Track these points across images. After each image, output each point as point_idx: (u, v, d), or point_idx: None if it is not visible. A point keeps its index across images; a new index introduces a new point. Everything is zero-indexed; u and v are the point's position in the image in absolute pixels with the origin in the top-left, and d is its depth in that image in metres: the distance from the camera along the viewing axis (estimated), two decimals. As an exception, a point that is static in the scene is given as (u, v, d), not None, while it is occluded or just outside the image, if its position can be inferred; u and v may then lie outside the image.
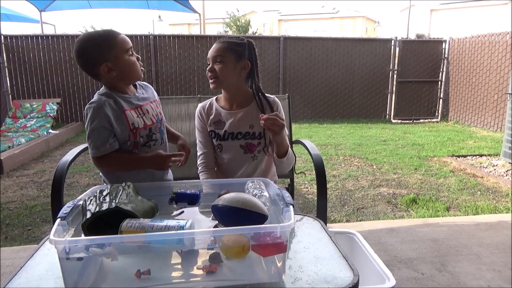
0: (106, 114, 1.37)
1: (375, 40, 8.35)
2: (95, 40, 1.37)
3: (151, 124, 1.47)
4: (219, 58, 1.57)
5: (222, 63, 1.58)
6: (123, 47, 1.38)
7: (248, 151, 1.68)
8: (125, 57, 1.39)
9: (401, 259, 2.31)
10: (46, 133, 5.91)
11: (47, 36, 7.52)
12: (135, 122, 1.42)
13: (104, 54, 1.36)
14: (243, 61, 1.60)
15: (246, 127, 1.66)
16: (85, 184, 3.93)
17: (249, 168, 1.70)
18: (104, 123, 1.37)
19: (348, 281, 0.89)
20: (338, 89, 8.12)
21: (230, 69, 1.59)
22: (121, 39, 1.39)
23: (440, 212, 3.15)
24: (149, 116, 1.48)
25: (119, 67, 1.38)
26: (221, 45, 1.58)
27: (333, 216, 3.09)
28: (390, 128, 7.21)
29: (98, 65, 1.36)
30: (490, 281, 2.08)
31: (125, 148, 1.43)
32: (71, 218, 0.96)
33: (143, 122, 1.45)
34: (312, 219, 1.25)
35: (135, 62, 1.42)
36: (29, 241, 2.66)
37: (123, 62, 1.39)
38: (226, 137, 1.68)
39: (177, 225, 0.90)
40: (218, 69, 1.58)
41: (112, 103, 1.39)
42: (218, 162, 1.77)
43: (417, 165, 4.55)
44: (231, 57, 1.58)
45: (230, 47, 1.58)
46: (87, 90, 7.58)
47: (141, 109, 1.46)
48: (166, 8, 10.19)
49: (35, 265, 0.96)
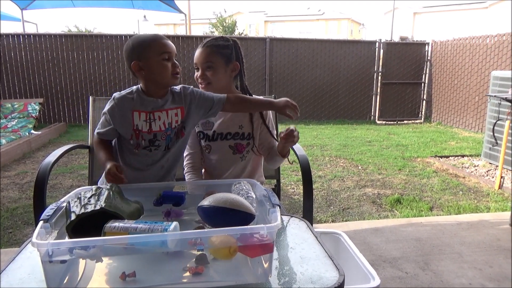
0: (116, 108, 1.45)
1: (360, 42, 8.45)
2: (136, 38, 1.45)
3: (158, 131, 1.46)
4: (209, 64, 1.57)
5: (212, 69, 1.57)
6: (157, 49, 1.41)
7: (237, 152, 1.68)
8: (156, 59, 1.41)
9: (385, 259, 2.34)
10: (28, 134, 5.78)
11: (28, 35, 7.36)
12: (139, 125, 1.44)
13: (138, 52, 1.42)
14: (232, 63, 1.61)
15: (236, 127, 1.66)
16: (69, 185, 3.86)
17: (237, 169, 1.70)
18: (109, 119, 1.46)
19: (333, 281, 0.89)
20: (323, 90, 8.18)
21: (221, 74, 1.59)
22: (159, 43, 1.42)
23: (424, 211, 3.21)
24: (159, 123, 1.46)
25: (148, 67, 1.42)
26: (208, 50, 1.57)
27: (319, 217, 3.11)
28: (375, 129, 7.30)
29: (131, 61, 1.42)
30: (471, 279, 2.13)
31: (128, 142, 1.47)
32: (54, 220, 0.95)
33: (148, 127, 1.45)
34: (298, 219, 1.25)
35: (166, 66, 1.42)
36: (10, 244, 2.60)
37: (153, 63, 1.41)
38: (215, 137, 1.67)
39: (161, 226, 0.90)
40: (210, 75, 1.58)
41: (128, 100, 1.45)
42: (205, 162, 1.76)
43: (401, 165, 4.62)
44: (221, 62, 1.58)
45: (218, 51, 1.57)
46: (70, 90, 7.46)
47: (153, 115, 1.46)
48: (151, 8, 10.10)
49: (17, 269, 0.94)
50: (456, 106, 7.51)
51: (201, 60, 1.58)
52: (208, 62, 1.57)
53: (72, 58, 7.40)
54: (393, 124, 8.11)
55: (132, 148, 1.47)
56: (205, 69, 1.58)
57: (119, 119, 1.45)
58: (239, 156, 1.69)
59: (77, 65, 7.43)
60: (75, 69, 7.43)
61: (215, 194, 1.02)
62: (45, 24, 39.55)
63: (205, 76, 1.58)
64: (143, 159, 1.48)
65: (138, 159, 1.49)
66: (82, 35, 8.12)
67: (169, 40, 1.47)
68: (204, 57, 1.57)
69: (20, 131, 5.83)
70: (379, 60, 8.17)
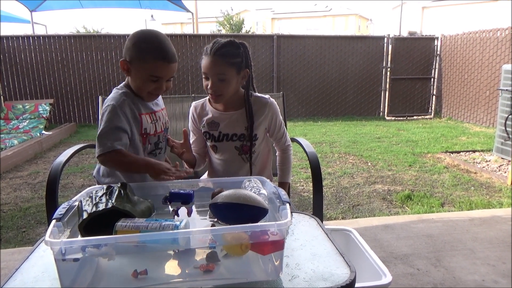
0: (125, 114, 1.35)
1: (368, 38, 8.38)
2: (143, 43, 1.34)
3: (160, 132, 1.47)
4: (222, 76, 1.51)
5: (225, 82, 1.52)
6: (151, 69, 1.33)
7: (243, 152, 1.69)
8: (144, 74, 1.35)
9: (396, 255, 2.33)
10: (39, 134, 5.85)
11: (38, 37, 7.45)
12: (147, 128, 1.42)
13: (132, 55, 1.34)
14: (243, 71, 1.57)
15: (242, 128, 1.66)
16: (80, 185, 3.90)
17: (244, 169, 1.71)
18: (120, 122, 1.33)
19: (345, 278, 0.89)
20: (332, 87, 8.14)
21: (233, 85, 1.55)
22: (157, 65, 1.33)
23: (435, 208, 3.17)
24: (160, 123, 1.47)
25: (133, 74, 1.36)
26: (220, 61, 1.49)
27: (328, 214, 3.10)
28: (384, 125, 7.24)
29: (124, 56, 1.35)
30: (484, 276, 2.10)
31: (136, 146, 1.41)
32: (66, 219, 0.95)
33: (154, 129, 1.44)
34: (308, 216, 1.25)
35: (148, 85, 1.36)
36: (24, 243, 2.64)
37: (138, 75, 1.36)
38: (221, 138, 1.67)
39: (171, 224, 0.90)
40: (222, 86, 1.53)
41: (131, 103, 1.38)
42: (212, 162, 1.77)
43: (411, 161, 4.58)
44: (233, 72, 1.52)
45: (230, 61, 1.50)
46: (79, 91, 7.54)
47: (155, 115, 1.45)
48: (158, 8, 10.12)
49: (31, 267, 0.96)
50: (466, 100, 7.41)
51: (212, 72, 1.51)
52: (220, 74, 1.50)
53: (81, 58, 7.47)
54: (403, 120, 8.04)
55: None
56: (216, 81, 1.52)
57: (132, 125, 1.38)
58: (245, 156, 1.70)
59: (86, 65, 7.50)
60: (84, 70, 7.50)
61: (227, 191, 1.02)
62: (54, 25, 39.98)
63: (216, 89, 1.53)
64: None
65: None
66: (90, 36, 8.18)
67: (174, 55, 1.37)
68: (215, 69, 1.50)
69: (32, 131, 5.91)
70: (388, 56, 8.09)
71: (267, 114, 1.67)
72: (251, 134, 1.65)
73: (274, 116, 1.70)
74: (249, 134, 1.66)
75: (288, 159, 1.79)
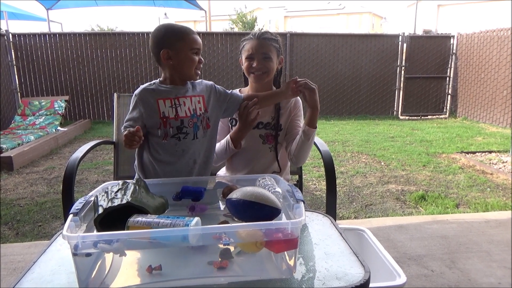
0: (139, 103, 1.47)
1: (382, 36, 8.28)
2: (169, 28, 1.48)
3: (184, 117, 1.47)
4: (267, 55, 1.63)
5: (269, 60, 1.64)
6: (190, 43, 1.46)
7: (267, 142, 1.72)
8: (187, 52, 1.46)
9: (410, 256, 2.30)
10: (55, 130, 5.95)
11: (54, 34, 7.56)
12: (165, 111, 1.46)
13: (170, 41, 1.45)
14: (280, 57, 1.70)
15: (268, 117, 1.71)
16: (94, 180, 3.95)
17: (267, 158, 1.73)
18: (137, 113, 1.46)
19: (359, 278, 0.88)
20: (345, 85, 8.08)
21: (275, 65, 1.68)
22: (192, 37, 1.47)
23: (450, 209, 3.13)
24: (184, 108, 1.48)
25: (178, 58, 1.46)
26: (265, 43, 1.64)
27: (341, 213, 3.08)
28: (397, 125, 7.16)
29: (161, 48, 1.45)
30: (501, 279, 2.06)
31: (156, 134, 1.47)
32: (83, 214, 0.97)
33: (174, 113, 1.46)
34: (321, 215, 1.24)
35: (194, 60, 1.49)
36: (40, 237, 2.69)
37: (183, 56, 1.46)
38: None
39: (183, 222, 0.90)
40: (267, 64, 1.64)
41: (149, 92, 1.48)
42: None
43: (425, 161, 4.52)
44: (275, 55, 1.66)
45: (272, 44, 1.65)
46: (94, 88, 7.63)
47: (178, 100, 1.48)
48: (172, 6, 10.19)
49: (48, 260, 0.97)
50: (483, 100, 7.27)
51: (259, 51, 1.63)
52: (266, 53, 1.63)
53: (96, 56, 7.56)
54: (417, 119, 7.94)
55: (161, 140, 1.47)
56: (262, 60, 1.64)
57: (146, 112, 1.46)
58: (268, 146, 1.72)
59: (100, 62, 7.59)
60: (99, 67, 7.59)
61: (243, 188, 1.03)
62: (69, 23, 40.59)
63: (262, 66, 1.64)
64: (173, 149, 1.48)
65: (168, 150, 1.48)
66: (105, 33, 8.26)
67: (197, 34, 1.51)
68: (262, 48, 1.63)
69: (47, 127, 6.01)
70: (402, 54, 7.98)
71: (293, 107, 1.74)
72: (278, 122, 1.71)
73: (297, 111, 1.75)
74: (275, 123, 1.70)
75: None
